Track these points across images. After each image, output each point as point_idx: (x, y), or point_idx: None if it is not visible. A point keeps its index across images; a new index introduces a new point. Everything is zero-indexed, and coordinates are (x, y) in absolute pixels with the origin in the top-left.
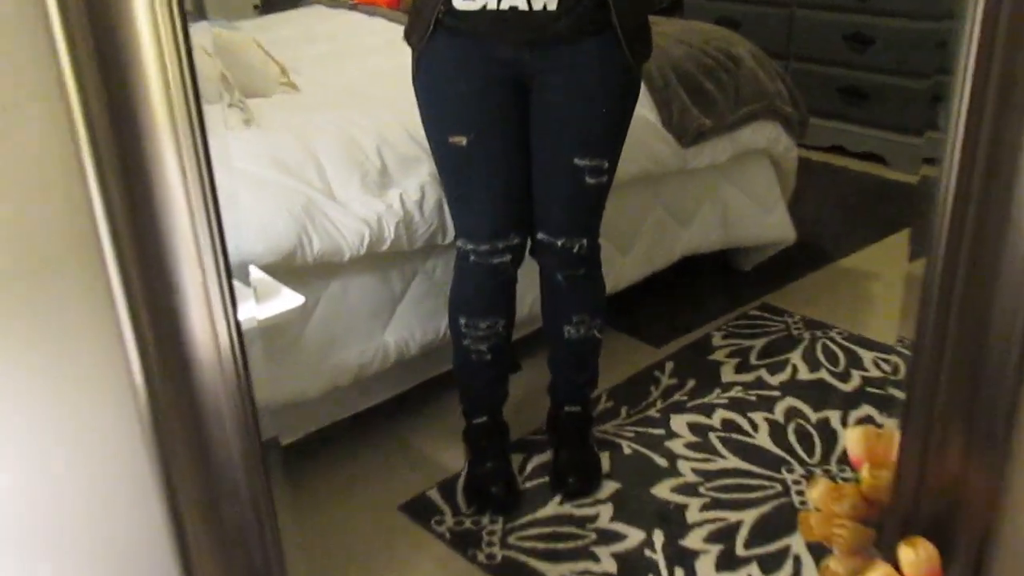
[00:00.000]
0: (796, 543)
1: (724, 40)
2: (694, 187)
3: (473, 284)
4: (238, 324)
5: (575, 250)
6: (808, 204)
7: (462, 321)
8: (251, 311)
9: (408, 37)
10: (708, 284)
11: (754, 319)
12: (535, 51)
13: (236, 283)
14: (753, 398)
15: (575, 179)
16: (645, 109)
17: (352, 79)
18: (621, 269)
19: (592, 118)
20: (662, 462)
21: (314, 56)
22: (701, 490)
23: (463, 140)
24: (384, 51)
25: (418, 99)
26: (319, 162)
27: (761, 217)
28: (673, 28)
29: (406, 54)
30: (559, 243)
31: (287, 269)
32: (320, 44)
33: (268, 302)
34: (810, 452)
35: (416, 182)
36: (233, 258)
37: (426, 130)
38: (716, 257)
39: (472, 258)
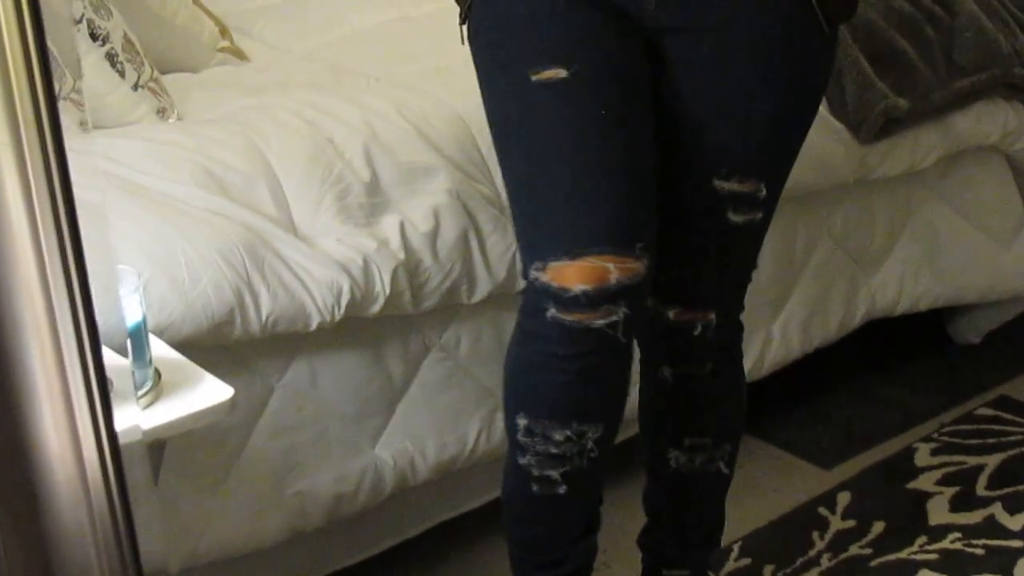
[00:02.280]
0: None
1: None
2: (882, 209)
3: (542, 356)
4: (113, 439)
5: (697, 332)
6: None
7: (522, 424)
8: (147, 414)
9: None
10: (909, 366)
11: (984, 423)
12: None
13: (122, 367)
14: (981, 552)
15: (712, 212)
16: None
17: (329, 42)
18: (765, 346)
19: (748, 115)
20: None
21: (273, 5)
22: None
23: (561, 72)
24: None
25: (475, 50)
26: (272, 175)
27: (995, 256)
28: None
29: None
30: (670, 315)
31: (219, 345)
32: None
33: (180, 398)
34: None
35: (427, 205)
36: (117, 329)
37: (488, 86)
38: (922, 322)
39: (550, 310)
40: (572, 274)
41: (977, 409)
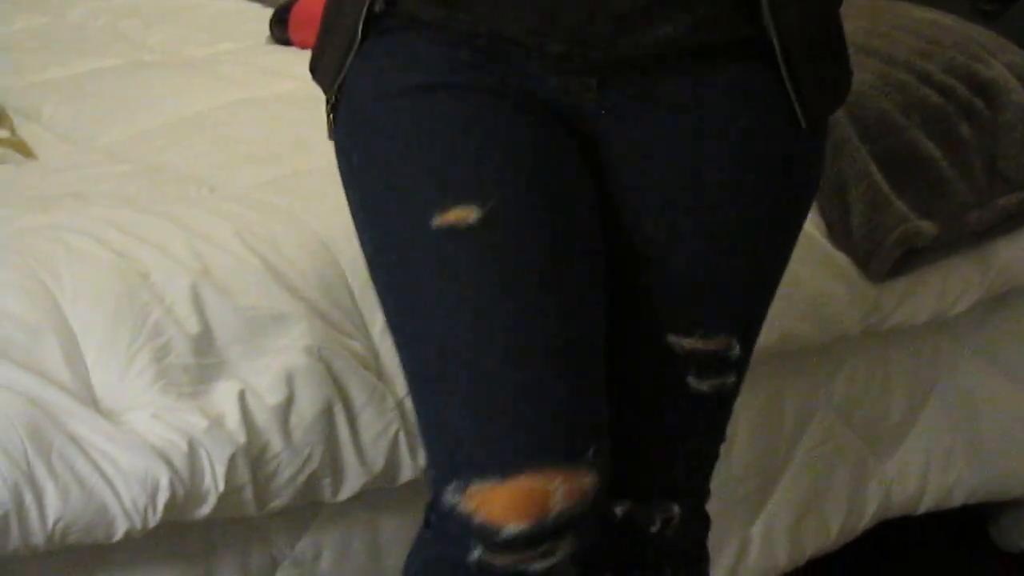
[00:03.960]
0: None
1: (965, 48)
2: (901, 370)
3: None
4: None
5: (655, 529)
6: None
7: None
8: None
9: (317, 69)
10: None
11: None
12: (607, 81)
13: None
14: None
15: (668, 380)
16: None
17: (145, 133)
18: (741, 556)
19: (712, 238)
20: None
21: (68, 78)
22: None
23: (470, 214)
24: (238, 65)
25: (346, 164)
26: (65, 326)
27: None
28: (858, 24)
29: (287, 77)
30: (618, 512)
31: None
32: (90, 57)
33: None
34: None
35: (277, 368)
36: None
37: (365, 224)
38: (957, 522)
39: (475, 550)
40: (502, 503)
41: None
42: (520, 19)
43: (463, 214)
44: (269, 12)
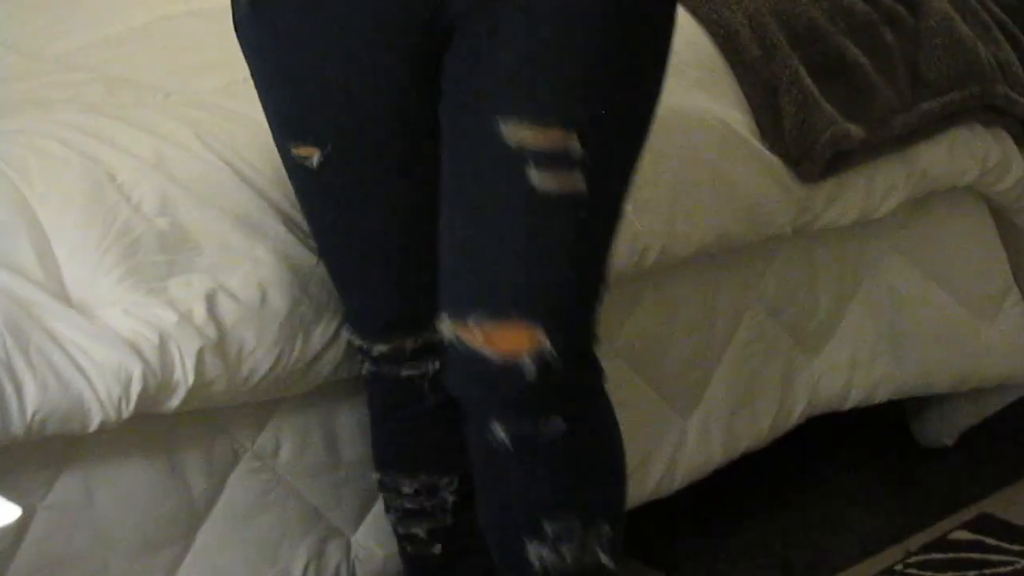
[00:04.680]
0: None
1: None
2: (829, 268)
3: (379, 406)
4: None
5: (528, 366)
6: None
7: (376, 477)
8: None
9: None
10: (864, 477)
11: (961, 550)
12: None
13: None
14: None
15: (506, 171)
16: (723, 104)
17: (95, 44)
18: (677, 449)
19: (534, 37)
20: None
21: None
22: None
23: (314, 154)
24: None
25: (248, 63)
26: (37, 225)
27: (973, 331)
28: None
29: None
30: (476, 335)
31: None
32: None
33: None
34: None
35: (249, 264)
36: None
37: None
38: (880, 419)
39: (368, 366)
40: (376, 345)
41: (952, 532)
42: None
43: (308, 152)
44: None
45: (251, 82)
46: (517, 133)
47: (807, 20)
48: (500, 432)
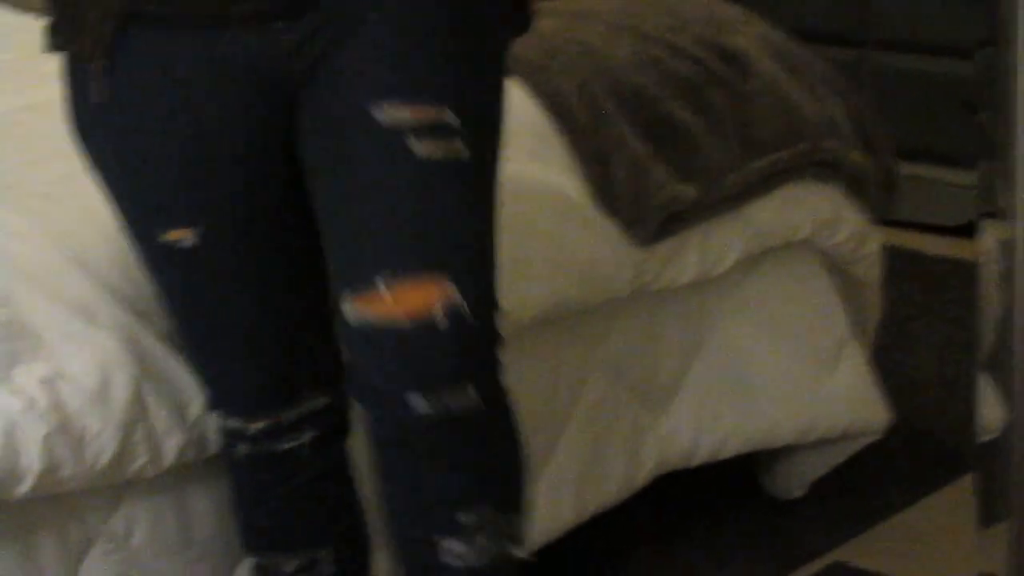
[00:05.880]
0: None
1: (715, 23)
2: (670, 328)
3: (254, 488)
4: None
5: (440, 317)
6: (917, 344)
7: (252, 563)
8: None
9: (57, 37)
10: (716, 529)
11: None
12: (295, 27)
13: None
14: None
15: (392, 149)
16: (556, 171)
17: None
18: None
19: (391, 25)
20: None
21: None
22: None
23: (187, 235)
24: (16, 73)
25: (90, 163)
26: None
27: (814, 383)
28: (610, 5)
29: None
30: (378, 311)
31: None
32: None
33: None
34: None
35: (90, 349)
36: None
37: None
38: (732, 472)
39: (243, 447)
40: (252, 423)
41: None
42: None
43: (181, 234)
44: (42, 22)
45: (88, 172)
46: (393, 114)
47: (634, 87)
48: (420, 404)
